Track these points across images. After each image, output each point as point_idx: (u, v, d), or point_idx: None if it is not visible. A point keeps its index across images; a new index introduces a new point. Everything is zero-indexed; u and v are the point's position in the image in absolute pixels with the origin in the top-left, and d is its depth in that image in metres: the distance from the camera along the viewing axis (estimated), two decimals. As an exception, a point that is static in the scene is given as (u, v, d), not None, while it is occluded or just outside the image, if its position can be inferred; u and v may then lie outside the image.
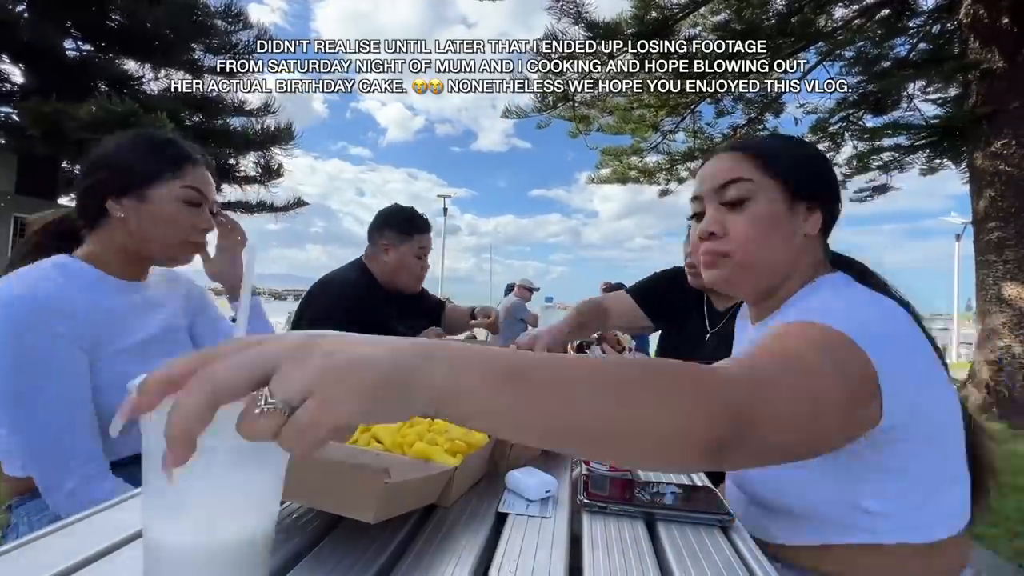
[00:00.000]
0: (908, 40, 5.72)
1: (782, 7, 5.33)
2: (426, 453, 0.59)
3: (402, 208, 1.82)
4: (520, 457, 0.70)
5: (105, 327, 0.90)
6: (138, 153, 0.96)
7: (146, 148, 0.98)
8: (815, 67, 5.95)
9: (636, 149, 7.12)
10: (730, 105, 6.50)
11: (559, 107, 6.01)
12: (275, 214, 7.88)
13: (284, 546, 0.47)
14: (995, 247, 4.79)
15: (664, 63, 5.48)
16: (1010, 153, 4.55)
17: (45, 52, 5.58)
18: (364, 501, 0.43)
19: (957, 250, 14.86)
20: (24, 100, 5.23)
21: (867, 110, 6.00)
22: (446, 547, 0.48)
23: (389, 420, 0.32)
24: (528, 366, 0.35)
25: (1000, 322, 4.88)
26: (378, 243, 1.76)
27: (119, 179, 0.94)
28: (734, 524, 0.56)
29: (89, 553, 0.43)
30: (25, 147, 5.30)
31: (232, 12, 6.01)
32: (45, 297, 0.83)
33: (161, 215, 0.96)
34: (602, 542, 0.51)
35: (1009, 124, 4.53)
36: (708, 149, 6.97)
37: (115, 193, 0.94)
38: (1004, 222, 4.70)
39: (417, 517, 0.54)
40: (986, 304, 5.02)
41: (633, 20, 5.05)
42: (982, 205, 4.88)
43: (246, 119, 6.82)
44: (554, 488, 0.61)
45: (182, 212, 0.98)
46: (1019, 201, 4.57)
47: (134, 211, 0.94)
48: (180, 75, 6.55)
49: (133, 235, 0.95)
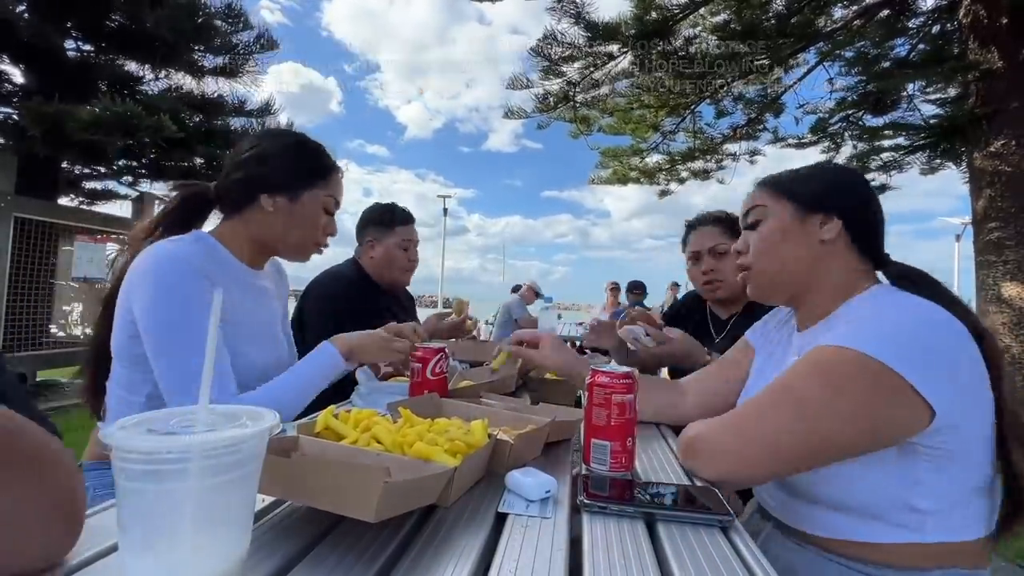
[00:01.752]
0: (908, 40, 5.72)
1: (782, 8, 5.33)
2: (426, 453, 0.59)
3: (383, 204, 1.88)
4: (520, 457, 0.70)
5: (231, 306, 0.96)
6: (299, 157, 1.06)
7: (305, 154, 1.07)
8: (815, 67, 5.95)
9: (636, 150, 7.12)
10: (730, 105, 6.50)
11: (559, 108, 6.00)
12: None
13: (284, 546, 0.47)
14: (995, 247, 4.79)
15: (664, 63, 5.48)
16: (1010, 153, 4.55)
17: (45, 52, 5.58)
18: (365, 500, 0.43)
19: (957, 250, 14.87)
20: (25, 101, 5.23)
21: (867, 110, 6.00)
22: (446, 547, 0.48)
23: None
24: None
25: (1000, 322, 4.88)
26: (364, 241, 1.83)
27: (278, 177, 1.03)
28: (734, 524, 0.56)
29: (76, 560, 0.43)
30: (26, 147, 5.29)
31: (233, 12, 6.01)
32: (197, 261, 0.91)
33: (306, 216, 1.06)
34: (602, 542, 0.51)
35: (1009, 124, 4.53)
36: (708, 149, 6.97)
37: (271, 189, 1.02)
38: (1004, 222, 4.70)
39: (417, 517, 0.54)
40: (986, 304, 5.01)
41: (633, 21, 5.05)
42: (981, 205, 4.87)
43: (246, 119, 6.82)
44: (554, 488, 0.61)
45: (321, 217, 1.08)
46: (1019, 201, 4.57)
47: (285, 208, 1.03)
48: (181, 76, 6.55)
49: (274, 228, 1.04)
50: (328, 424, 0.66)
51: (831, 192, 0.84)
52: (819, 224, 0.83)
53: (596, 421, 0.72)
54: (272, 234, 1.05)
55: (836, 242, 0.82)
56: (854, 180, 0.87)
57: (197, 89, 6.54)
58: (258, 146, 1.04)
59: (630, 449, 0.72)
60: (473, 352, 1.57)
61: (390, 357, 1.11)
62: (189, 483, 0.32)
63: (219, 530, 0.36)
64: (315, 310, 1.65)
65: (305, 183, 1.05)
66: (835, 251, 0.82)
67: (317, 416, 0.68)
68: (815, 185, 0.85)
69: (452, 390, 1.00)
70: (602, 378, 0.73)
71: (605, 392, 0.72)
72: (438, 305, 17.48)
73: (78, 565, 0.42)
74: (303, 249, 1.09)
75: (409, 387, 0.98)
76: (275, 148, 1.04)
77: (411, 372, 0.98)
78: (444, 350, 0.98)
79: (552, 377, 1.24)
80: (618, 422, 0.71)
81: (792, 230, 0.84)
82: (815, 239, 0.83)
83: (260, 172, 1.02)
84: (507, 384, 1.23)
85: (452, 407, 0.85)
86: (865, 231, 0.84)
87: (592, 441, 0.72)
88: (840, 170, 0.91)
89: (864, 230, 0.83)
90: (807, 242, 0.83)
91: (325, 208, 1.08)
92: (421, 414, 0.74)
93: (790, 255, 0.84)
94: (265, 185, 1.02)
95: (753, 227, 0.89)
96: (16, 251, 5.13)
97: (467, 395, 0.98)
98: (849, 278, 0.82)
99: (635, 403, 0.73)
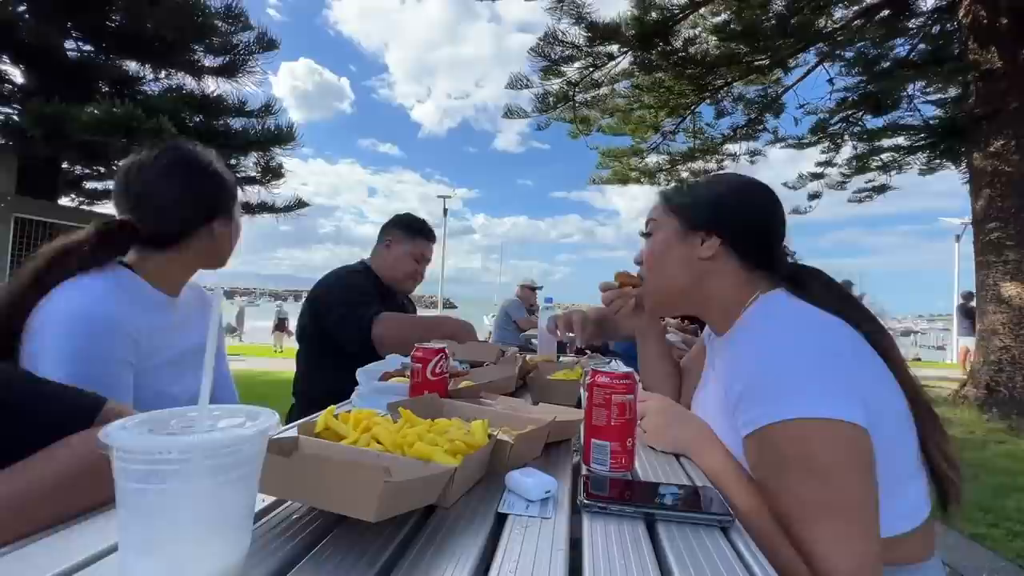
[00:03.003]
0: (908, 41, 5.72)
1: (782, 8, 5.33)
2: (426, 453, 0.59)
3: (415, 216, 2.03)
4: (520, 457, 0.70)
5: (151, 343, 0.94)
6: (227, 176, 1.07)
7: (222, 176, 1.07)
8: (815, 68, 5.95)
9: (636, 150, 7.13)
10: (730, 106, 6.50)
11: (559, 108, 6.01)
12: (280, 215, 7.86)
13: (284, 546, 0.47)
14: (994, 247, 4.79)
15: (664, 63, 5.48)
16: (1010, 153, 4.55)
17: (45, 53, 5.59)
18: (365, 500, 0.43)
19: (956, 250, 14.86)
20: (25, 101, 5.24)
21: (867, 111, 6.01)
22: (446, 547, 0.48)
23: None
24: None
25: (1000, 322, 4.88)
26: (384, 239, 1.94)
27: (222, 200, 1.05)
28: (734, 524, 0.56)
29: (75, 560, 0.43)
30: (26, 148, 5.30)
31: (233, 13, 6.01)
32: (109, 317, 0.86)
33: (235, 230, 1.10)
34: (602, 543, 0.51)
35: (1009, 124, 4.53)
36: (708, 149, 6.97)
37: (218, 214, 1.04)
38: (1003, 222, 4.70)
39: (417, 517, 0.54)
40: (986, 304, 5.02)
41: (633, 21, 5.05)
42: (981, 205, 4.88)
43: (247, 120, 6.82)
44: (554, 489, 0.61)
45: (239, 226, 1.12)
46: (1019, 201, 4.57)
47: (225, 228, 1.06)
48: (181, 76, 6.56)
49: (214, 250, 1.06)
50: (328, 424, 0.66)
51: (713, 211, 0.86)
52: (699, 242, 0.86)
53: (596, 421, 0.72)
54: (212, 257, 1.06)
55: (717, 259, 0.85)
56: (740, 197, 0.88)
57: (198, 89, 6.54)
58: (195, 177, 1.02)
59: (630, 449, 0.72)
60: (473, 352, 1.57)
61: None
62: (189, 483, 0.32)
63: (219, 530, 0.36)
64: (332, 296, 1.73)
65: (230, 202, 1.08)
66: (717, 267, 0.85)
67: (317, 416, 0.68)
68: (699, 203, 0.88)
69: (452, 390, 1.01)
70: (602, 378, 0.73)
71: (605, 392, 0.72)
72: (438, 305, 17.47)
73: (78, 565, 0.42)
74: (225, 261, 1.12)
75: (409, 388, 0.98)
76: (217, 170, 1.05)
77: (411, 373, 0.98)
78: (444, 350, 0.98)
79: (552, 377, 1.24)
80: (618, 422, 0.71)
81: (674, 246, 0.88)
82: (695, 256, 0.86)
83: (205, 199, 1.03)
84: (507, 384, 1.23)
85: (452, 407, 0.85)
86: (751, 245, 0.85)
87: (592, 441, 0.72)
88: (729, 185, 0.90)
89: (749, 245, 0.85)
90: (688, 259, 0.87)
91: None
92: (421, 414, 0.74)
93: (674, 271, 0.89)
94: (215, 209, 1.04)
95: (647, 237, 0.94)
96: (16, 251, 5.14)
97: (467, 395, 0.98)
98: (736, 292, 0.84)
99: (635, 403, 0.73)
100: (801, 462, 0.64)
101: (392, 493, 0.44)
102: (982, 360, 5.10)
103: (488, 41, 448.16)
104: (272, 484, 0.49)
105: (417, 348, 0.98)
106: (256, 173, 7.26)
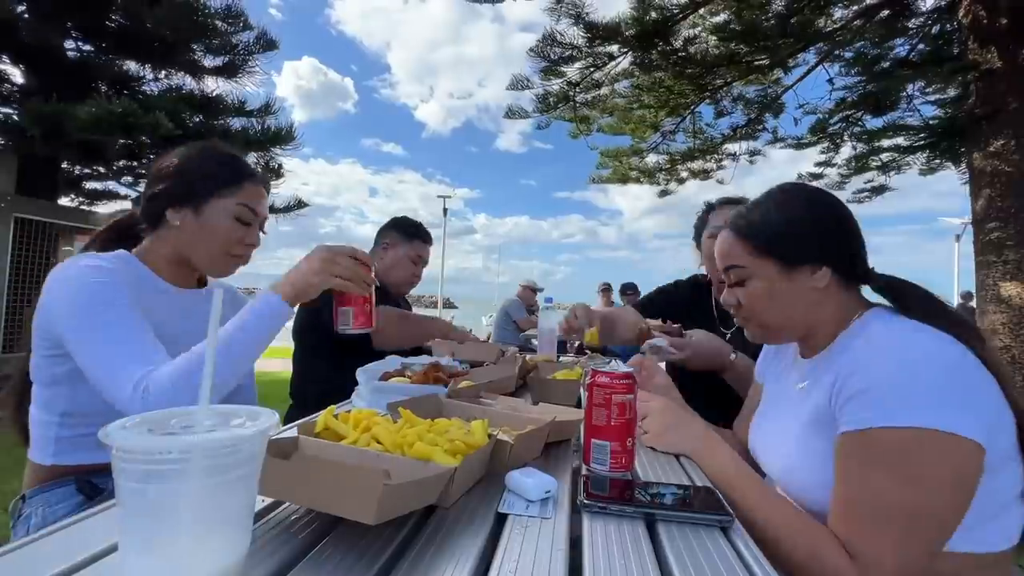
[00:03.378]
0: (908, 41, 5.72)
1: (782, 8, 5.33)
2: (426, 454, 0.59)
3: (412, 219, 2.03)
4: (520, 457, 0.70)
5: (157, 322, 0.93)
6: (200, 167, 1.02)
7: (209, 163, 1.02)
8: (815, 67, 5.95)
9: (636, 150, 7.12)
10: (730, 105, 6.50)
11: (560, 108, 6.00)
12: (280, 215, 7.86)
13: (284, 546, 0.47)
14: (994, 247, 4.79)
15: (664, 63, 5.48)
16: (1009, 153, 4.55)
17: (45, 52, 5.58)
18: (364, 502, 0.43)
19: (956, 250, 14.87)
20: (24, 100, 5.23)
21: (867, 111, 6.00)
22: (446, 547, 0.48)
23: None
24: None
25: (1000, 322, 4.88)
26: (381, 241, 1.95)
27: (180, 189, 1.00)
28: (734, 524, 0.56)
29: (75, 560, 0.43)
30: (25, 147, 5.30)
31: (232, 13, 6.01)
32: (112, 271, 0.90)
33: (213, 228, 1.01)
34: (602, 543, 0.51)
35: (1009, 124, 4.53)
36: (708, 149, 6.96)
37: (174, 203, 1.00)
38: (1003, 222, 4.70)
39: (417, 517, 0.54)
40: (985, 304, 5.02)
41: (633, 21, 5.05)
42: (981, 205, 4.88)
43: (246, 119, 6.82)
44: (554, 489, 0.61)
45: (233, 227, 1.02)
46: (1019, 201, 4.57)
47: (190, 222, 1.00)
48: (181, 75, 6.56)
49: (184, 243, 1.01)
50: (328, 424, 0.66)
51: (814, 242, 0.82)
52: (809, 274, 0.81)
53: (596, 421, 0.72)
54: (185, 249, 1.02)
55: (828, 285, 0.82)
56: (828, 215, 0.84)
57: (197, 89, 6.54)
58: (167, 159, 1.02)
59: (630, 449, 0.72)
60: (474, 352, 1.57)
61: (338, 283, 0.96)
62: (189, 483, 0.32)
63: (219, 530, 0.36)
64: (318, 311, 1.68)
65: (208, 193, 1.00)
66: (829, 292, 0.82)
67: (317, 416, 0.68)
68: (795, 238, 0.82)
69: (452, 390, 1.01)
70: (602, 378, 0.73)
71: (605, 392, 0.72)
72: (438, 305, 17.48)
73: (78, 565, 0.42)
74: (216, 262, 1.04)
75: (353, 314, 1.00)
76: (178, 160, 1.01)
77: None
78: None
79: (552, 377, 1.24)
80: (618, 422, 0.71)
81: (782, 288, 0.83)
82: (807, 288, 0.82)
83: (164, 187, 1.00)
84: (507, 384, 1.23)
85: (452, 407, 0.85)
86: (851, 263, 0.83)
87: (592, 441, 0.72)
88: (814, 208, 0.84)
89: (851, 262, 0.83)
90: (801, 294, 0.82)
91: (238, 218, 1.02)
92: (421, 414, 0.74)
93: (786, 310, 0.83)
94: (169, 199, 0.99)
95: (739, 284, 0.87)
96: (16, 251, 5.14)
97: (467, 395, 0.98)
98: (844, 311, 0.82)
99: (635, 403, 0.73)
100: (900, 467, 0.62)
101: (392, 495, 0.44)
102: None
103: (491, 41, 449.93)
104: (272, 487, 0.49)
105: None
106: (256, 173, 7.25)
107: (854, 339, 0.78)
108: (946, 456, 0.61)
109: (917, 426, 0.62)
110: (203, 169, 1.01)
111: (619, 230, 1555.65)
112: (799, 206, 0.85)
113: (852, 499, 0.66)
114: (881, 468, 0.63)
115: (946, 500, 0.62)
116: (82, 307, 0.85)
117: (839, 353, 0.79)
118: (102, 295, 0.86)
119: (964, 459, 0.62)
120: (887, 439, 0.63)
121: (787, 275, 0.82)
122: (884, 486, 0.63)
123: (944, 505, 0.62)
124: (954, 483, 0.62)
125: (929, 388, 0.64)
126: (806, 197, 0.86)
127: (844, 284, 0.83)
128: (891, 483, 0.62)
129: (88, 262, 0.90)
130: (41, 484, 0.92)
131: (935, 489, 0.61)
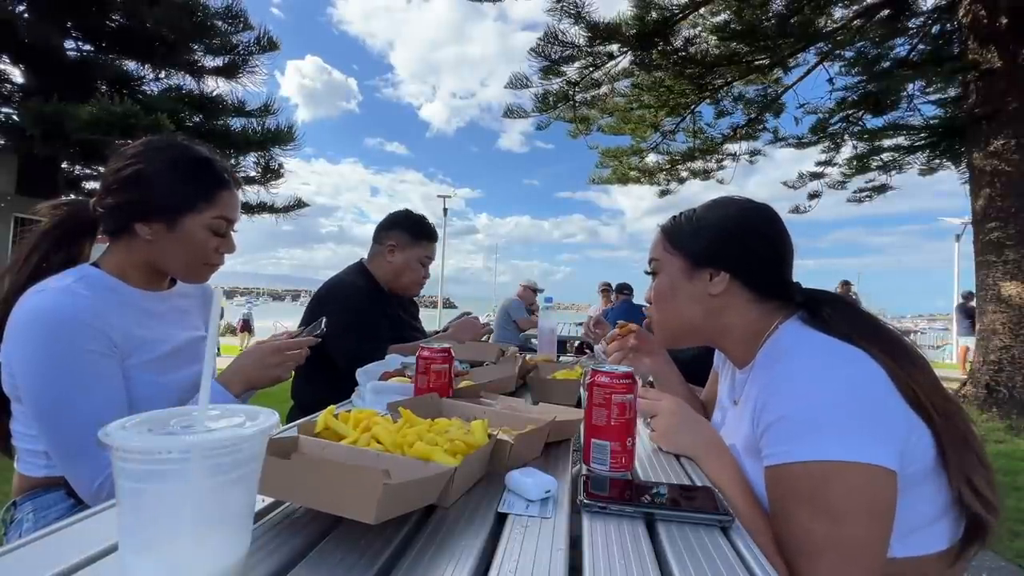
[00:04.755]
0: (908, 41, 5.72)
1: (782, 8, 5.33)
2: (426, 453, 0.59)
3: (414, 214, 1.89)
4: (520, 457, 0.70)
5: (131, 341, 0.91)
6: (172, 182, 0.94)
7: (181, 173, 0.95)
8: (815, 67, 5.95)
9: (636, 149, 7.12)
10: (730, 105, 6.50)
11: (559, 107, 6.01)
12: (280, 215, 7.85)
13: (284, 546, 0.47)
14: (995, 247, 4.79)
15: (664, 63, 5.48)
16: (1009, 153, 4.55)
17: (45, 52, 5.59)
18: (364, 501, 0.43)
19: (956, 250, 14.85)
20: (24, 101, 5.24)
21: (867, 110, 6.01)
22: (446, 547, 0.48)
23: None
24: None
25: (1000, 322, 4.88)
26: (384, 243, 1.83)
27: (151, 204, 0.93)
28: (734, 524, 0.56)
29: (75, 560, 0.43)
30: (25, 147, 5.30)
31: (232, 13, 6.01)
32: (74, 313, 0.84)
33: (188, 242, 0.96)
34: (602, 542, 0.51)
35: (1009, 124, 4.53)
36: (708, 149, 6.96)
37: (145, 217, 0.93)
38: (1003, 222, 4.70)
39: (417, 517, 0.54)
40: (985, 304, 5.02)
41: (633, 21, 5.05)
42: (981, 205, 4.88)
43: (246, 119, 6.82)
44: (554, 488, 0.61)
45: (209, 240, 0.98)
46: (1019, 201, 4.57)
47: (163, 236, 0.94)
48: (181, 75, 6.56)
49: (157, 255, 0.96)
50: (328, 424, 0.66)
51: (717, 247, 0.84)
52: (708, 278, 0.84)
53: (596, 421, 0.72)
54: (157, 260, 0.97)
55: (728, 294, 0.83)
56: (744, 228, 0.85)
57: (197, 89, 6.54)
58: (132, 165, 0.93)
59: (630, 449, 0.72)
60: (474, 352, 1.57)
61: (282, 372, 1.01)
62: (189, 483, 0.32)
63: (219, 530, 0.36)
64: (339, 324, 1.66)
65: (186, 207, 0.95)
66: (729, 302, 0.84)
67: (317, 416, 0.68)
68: (703, 240, 0.85)
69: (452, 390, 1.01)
70: (602, 378, 0.73)
71: (605, 392, 0.72)
72: (438, 305, 17.47)
73: (78, 565, 0.42)
74: (192, 273, 1.01)
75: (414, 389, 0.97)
76: (150, 169, 0.93)
77: (415, 372, 0.97)
78: (449, 350, 0.98)
79: (552, 377, 1.24)
80: (618, 422, 0.71)
81: (682, 286, 0.87)
82: (704, 293, 0.84)
83: (133, 198, 0.92)
84: (507, 384, 1.23)
85: (452, 407, 0.85)
86: (760, 276, 0.83)
87: (592, 441, 0.72)
88: (730, 216, 0.86)
89: (757, 275, 0.83)
90: (698, 297, 0.85)
91: (214, 231, 0.98)
92: (421, 414, 0.74)
93: (684, 309, 0.87)
94: (139, 212, 0.93)
95: (654, 275, 0.92)
96: (16, 251, 5.13)
97: (467, 395, 0.98)
98: (752, 323, 0.83)
99: (635, 403, 0.73)
100: (817, 501, 0.63)
101: (392, 495, 0.44)
102: (982, 360, 5.10)
103: (493, 40, 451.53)
104: (272, 486, 0.49)
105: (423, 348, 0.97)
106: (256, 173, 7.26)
107: (769, 357, 0.78)
108: (859, 488, 0.62)
109: (828, 460, 0.63)
110: (174, 184, 0.94)
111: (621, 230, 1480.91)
112: (716, 213, 0.88)
113: (784, 534, 0.66)
114: (803, 504, 0.64)
115: (868, 529, 0.62)
116: (41, 376, 0.81)
117: (760, 369, 0.79)
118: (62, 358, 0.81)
119: (878, 488, 0.62)
120: (802, 474, 0.64)
121: (689, 275, 0.86)
122: (807, 521, 0.64)
123: (867, 535, 0.62)
124: (870, 512, 0.62)
125: (836, 419, 0.64)
126: (729, 206, 0.87)
127: (757, 297, 0.83)
128: (812, 518, 0.63)
129: (48, 303, 0.83)
130: (32, 491, 0.91)
131: (854, 521, 0.62)
